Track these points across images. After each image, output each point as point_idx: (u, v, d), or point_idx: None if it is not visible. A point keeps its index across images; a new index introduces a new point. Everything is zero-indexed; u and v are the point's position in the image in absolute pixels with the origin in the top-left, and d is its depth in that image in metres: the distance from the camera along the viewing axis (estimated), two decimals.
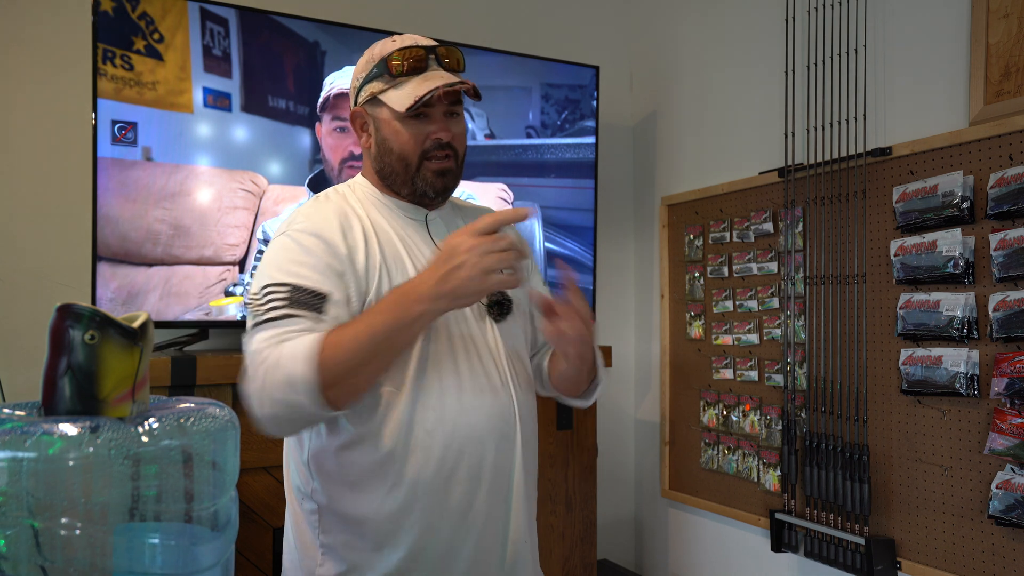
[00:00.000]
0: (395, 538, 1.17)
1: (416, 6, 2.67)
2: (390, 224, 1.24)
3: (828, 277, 2.16)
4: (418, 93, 1.18)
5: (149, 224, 2.05)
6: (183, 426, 0.89)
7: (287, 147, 2.23)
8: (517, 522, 1.24)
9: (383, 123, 1.23)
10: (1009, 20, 1.78)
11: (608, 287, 3.03)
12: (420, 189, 1.24)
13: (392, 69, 1.20)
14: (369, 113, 1.25)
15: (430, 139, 1.21)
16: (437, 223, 1.29)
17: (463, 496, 1.18)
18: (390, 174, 1.25)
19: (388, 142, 1.23)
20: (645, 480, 3.01)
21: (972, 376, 1.80)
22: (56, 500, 0.80)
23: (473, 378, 1.20)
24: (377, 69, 1.22)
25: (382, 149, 1.24)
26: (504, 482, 1.22)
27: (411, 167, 1.22)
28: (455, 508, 1.18)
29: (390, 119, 1.21)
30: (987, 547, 1.78)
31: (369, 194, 1.28)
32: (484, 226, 1.04)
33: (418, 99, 1.17)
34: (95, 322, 0.88)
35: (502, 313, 1.28)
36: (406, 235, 1.24)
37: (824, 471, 2.11)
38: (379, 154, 1.25)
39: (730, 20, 2.63)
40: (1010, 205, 1.72)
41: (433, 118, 1.21)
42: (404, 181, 1.24)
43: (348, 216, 1.21)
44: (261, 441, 2.07)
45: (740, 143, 2.57)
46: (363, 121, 1.27)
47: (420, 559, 1.18)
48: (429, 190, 1.24)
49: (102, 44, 1.99)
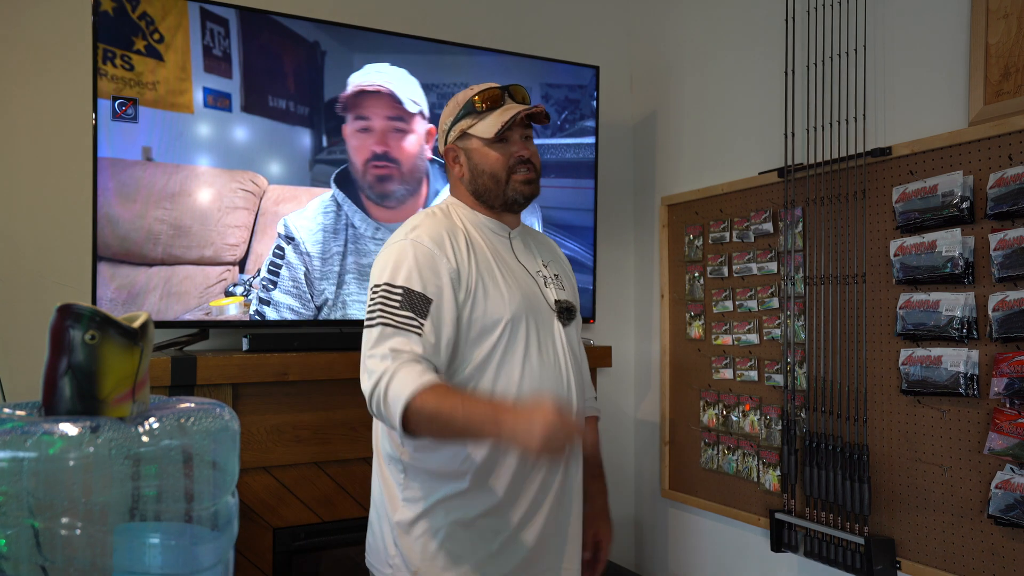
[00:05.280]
0: (471, 495, 1.41)
1: (416, 6, 2.67)
2: (484, 238, 1.51)
3: (828, 277, 2.16)
4: (503, 119, 1.46)
5: (149, 224, 2.05)
6: (183, 426, 0.90)
7: (287, 147, 2.23)
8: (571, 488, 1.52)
9: (473, 151, 1.51)
10: (1009, 20, 1.78)
11: (608, 287, 3.03)
12: (511, 197, 1.51)
13: (476, 107, 1.49)
14: (460, 147, 1.53)
15: (514, 157, 1.50)
16: (517, 240, 1.57)
17: (522, 461, 1.42)
18: (484, 192, 1.52)
19: (480, 165, 1.50)
20: (645, 480, 3.01)
21: (972, 376, 1.80)
22: (56, 500, 0.80)
23: (542, 363, 1.46)
24: (464, 110, 1.51)
25: (475, 172, 1.51)
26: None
27: (501, 181, 1.50)
28: (519, 470, 1.42)
29: (480, 146, 1.50)
30: (986, 547, 1.78)
31: (466, 213, 1.54)
32: (561, 421, 1.17)
33: (504, 123, 1.46)
34: (95, 322, 0.88)
35: (570, 319, 1.54)
36: (496, 248, 1.51)
37: (824, 471, 2.11)
38: (472, 177, 1.52)
39: (730, 20, 2.63)
40: (1010, 205, 1.72)
41: (513, 141, 1.50)
42: (497, 194, 1.51)
43: (455, 229, 1.47)
44: (261, 441, 2.08)
45: (740, 143, 2.57)
46: (455, 155, 1.54)
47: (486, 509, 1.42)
48: (519, 196, 1.51)
49: (102, 44, 1.99)
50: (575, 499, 1.54)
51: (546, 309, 1.50)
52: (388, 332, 1.33)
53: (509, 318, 1.42)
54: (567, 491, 1.51)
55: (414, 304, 1.35)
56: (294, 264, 2.21)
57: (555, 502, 1.47)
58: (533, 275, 1.53)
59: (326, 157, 2.28)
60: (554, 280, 1.57)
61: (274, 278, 2.19)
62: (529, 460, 1.31)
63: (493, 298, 1.42)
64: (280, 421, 2.10)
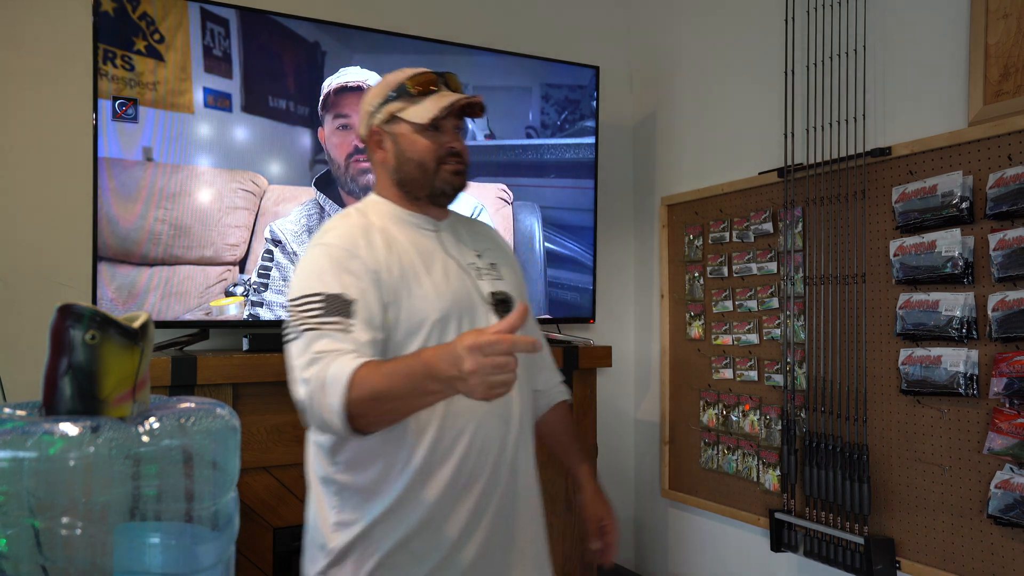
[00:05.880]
0: (403, 510, 1.31)
1: (416, 6, 2.67)
2: (407, 236, 1.40)
3: (828, 277, 2.16)
4: (440, 105, 1.37)
5: (149, 224, 2.05)
6: (183, 426, 0.90)
7: (287, 147, 2.23)
8: (518, 494, 1.40)
9: (401, 137, 1.41)
10: (1009, 20, 1.78)
11: (608, 287, 3.03)
12: (439, 188, 1.42)
13: (409, 90, 1.40)
14: (387, 131, 1.42)
15: (444, 147, 1.41)
16: (446, 232, 1.46)
17: (459, 468, 1.32)
18: (409, 181, 1.42)
19: (407, 152, 1.40)
20: (645, 480, 3.01)
21: (971, 376, 1.80)
22: (57, 500, 0.80)
23: None
24: (395, 92, 1.41)
25: (401, 160, 1.41)
26: (500, 455, 1.37)
27: (429, 171, 1.40)
28: (454, 479, 1.32)
29: (409, 132, 1.40)
30: (986, 546, 1.79)
31: (385, 211, 1.43)
32: (490, 346, 1.04)
33: (442, 109, 1.36)
34: (96, 322, 0.88)
35: (506, 311, 1.42)
36: (421, 244, 1.40)
37: (824, 471, 2.11)
38: (398, 165, 1.42)
39: (730, 20, 2.63)
40: (1009, 205, 1.72)
41: (446, 131, 1.41)
42: (423, 184, 1.41)
43: (370, 230, 1.36)
44: (261, 441, 2.08)
45: (740, 143, 2.57)
46: (379, 139, 1.43)
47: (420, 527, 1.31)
48: (447, 188, 1.42)
49: (103, 44, 2.00)
50: (524, 504, 1.42)
51: (480, 304, 1.40)
52: (313, 337, 1.23)
53: (437, 318, 1.32)
54: (513, 497, 1.39)
55: (338, 308, 1.25)
56: (283, 264, 2.22)
57: (497, 511, 1.36)
58: (465, 268, 1.42)
59: (326, 157, 2.28)
60: (490, 270, 1.46)
61: (265, 280, 2.20)
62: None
63: (418, 297, 1.32)
64: (280, 421, 2.10)
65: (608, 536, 1.56)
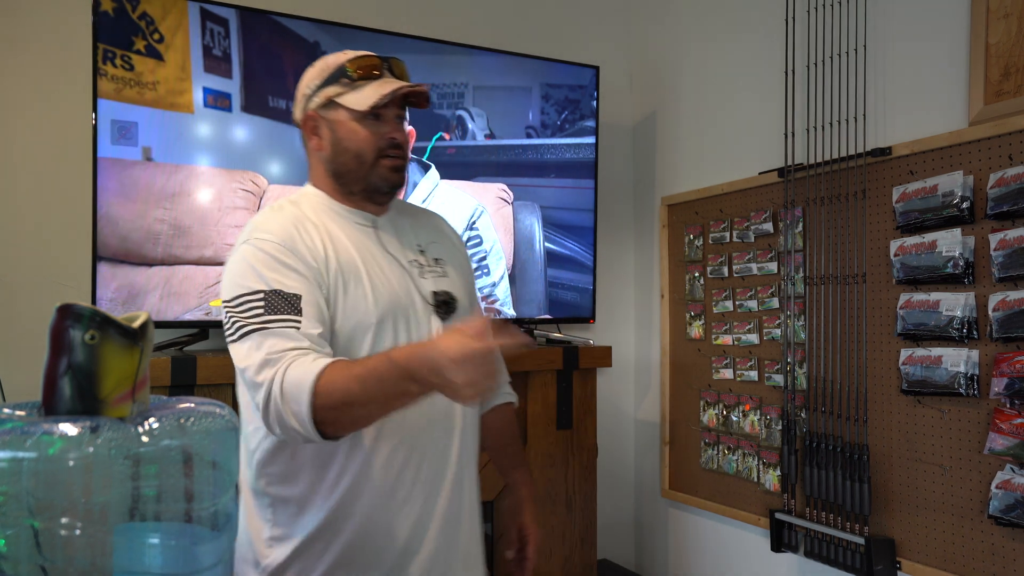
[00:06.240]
0: (340, 523, 1.24)
1: (416, 6, 2.67)
2: (343, 231, 1.30)
3: (828, 277, 2.16)
4: (382, 92, 1.26)
5: (149, 224, 2.05)
6: (183, 426, 0.89)
7: (287, 147, 2.23)
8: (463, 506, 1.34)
9: (339, 124, 1.30)
10: (1009, 20, 1.78)
11: (608, 287, 3.03)
12: (374, 185, 1.31)
13: (349, 74, 1.29)
14: (323, 117, 1.31)
15: (385, 138, 1.30)
16: (385, 228, 1.35)
17: (399, 478, 1.26)
18: (345, 172, 1.31)
19: (344, 141, 1.30)
20: (645, 480, 3.01)
21: (972, 376, 1.80)
22: (56, 500, 0.80)
23: None
24: (334, 75, 1.30)
25: (337, 149, 1.31)
26: (442, 466, 1.30)
27: (366, 164, 1.30)
28: (393, 489, 1.25)
29: (347, 120, 1.29)
30: (987, 547, 1.78)
31: (320, 203, 1.33)
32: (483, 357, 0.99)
33: (384, 96, 1.26)
34: (95, 322, 0.88)
35: (448, 312, 1.35)
36: (359, 243, 1.30)
37: (824, 471, 2.11)
38: (334, 154, 1.31)
39: (730, 20, 2.63)
40: (1010, 205, 1.72)
41: (387, 120, 1.30)
42: (358, 178, 1.31)
43: (304, 223, 1.26)
44: None
45: (740, 143, 2.57)
46: (314, 125, 1.33)
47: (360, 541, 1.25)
48: (384, 185, 1.31)
49: (102, 44, 1.99)
50: (468, 516, 1.36)
51: (420, 305, 1.30)
52: (262, 337, 1.14)
53: (373, 321, 1.23)
54: (459, 508, 1.33)
55: (281, 304, 1.16)
56: None
57: (443, 523, 1.30)
58: (405, 266, 1.32)
59: None
60: (433, 267, 1.36)
61: None
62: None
63: (354, 300, 1.23)
64: None
65: (526, 550, 1.47)
